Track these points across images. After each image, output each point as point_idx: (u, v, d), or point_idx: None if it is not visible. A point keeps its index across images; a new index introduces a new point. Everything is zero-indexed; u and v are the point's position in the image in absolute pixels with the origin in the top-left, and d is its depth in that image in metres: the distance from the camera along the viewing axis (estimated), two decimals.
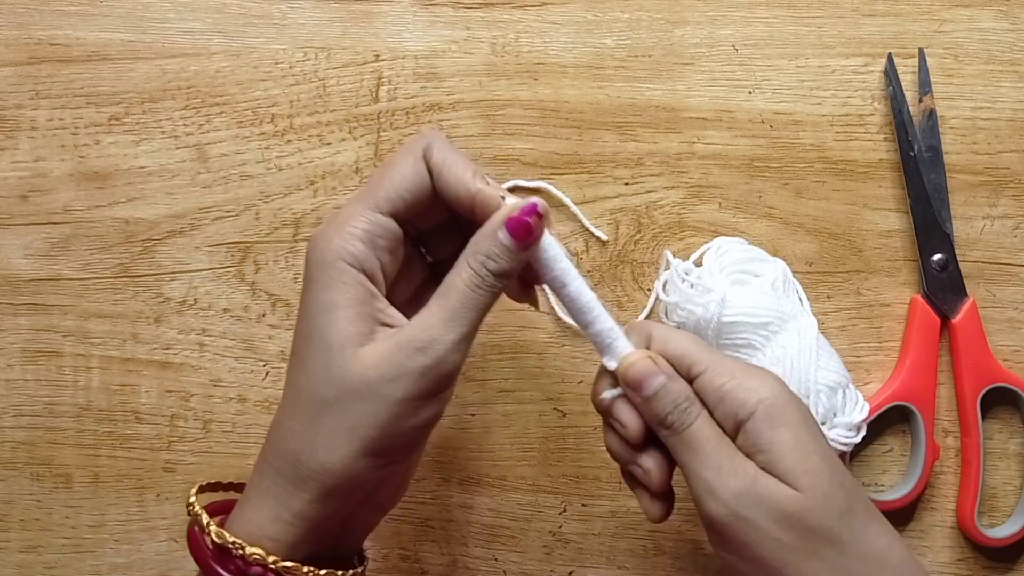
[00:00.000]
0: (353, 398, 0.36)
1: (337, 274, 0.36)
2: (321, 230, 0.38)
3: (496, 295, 0.38)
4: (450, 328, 0.36)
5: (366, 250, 0.37)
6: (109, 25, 0.52)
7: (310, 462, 0.36)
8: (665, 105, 0.51)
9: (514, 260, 0.37)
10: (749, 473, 0.36)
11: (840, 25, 0.52)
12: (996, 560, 0.50)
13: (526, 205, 0.37)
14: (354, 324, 0.36)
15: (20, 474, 0.50)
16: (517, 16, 0.52)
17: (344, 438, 0.36)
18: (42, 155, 0.51)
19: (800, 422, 0.37)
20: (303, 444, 0.37)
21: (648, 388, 0.37)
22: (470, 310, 0.37)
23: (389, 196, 0.37)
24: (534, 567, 0.50)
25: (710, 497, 0.36)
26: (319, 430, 0.36)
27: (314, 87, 0.51)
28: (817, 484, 0.36)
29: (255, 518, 0.37)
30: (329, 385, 0.36)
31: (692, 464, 0.37)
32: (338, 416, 0.36)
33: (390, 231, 0.38)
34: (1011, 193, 0.51)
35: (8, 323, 0.51)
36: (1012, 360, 0.51)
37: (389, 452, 0.37)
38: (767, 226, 0.51)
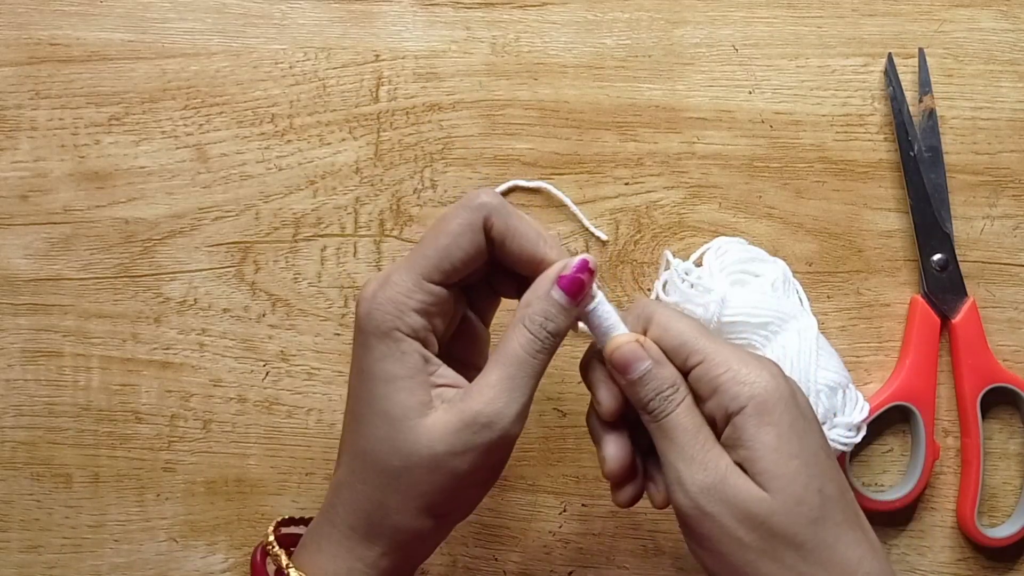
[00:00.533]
0: (420, 470, 0.37)
1: (395, 344, 0.37)
2: (371, 295, 0.37)
3: (552, 354, 0.38)
4: (513, 399, 0.37)
5: (421, 320, 0.37)
6: (109, 25, 0.52)
7: (383, 522, 0.38)
8: (665, 105, 0.51)
9: (569, 317, 0.38)
10: (720, 469, 0.36)
11: (840, 25, 0.52)
12: (996, 560, 0.50)
13: (578, 262, 0.37)
14: (415, 395, 0.37)
15: (20, 474, 0.50)
16: (517, 16, 0.52)
17: (414, 504, 0.37)
18: (42, 155, 0.51)
19: (789, 422, 0.36)
20: (374, 507, 0.38)
21: (633, 372, 0.37)
22: (530, 377, 0.37)
23: (442, 267, 0.38)
24: (534, 567, 0.50)
25: (678, 488, 0.37)
26: (389, 497, 0.37)
27: (314, 87, 0.51)
28: (788, 489, 0.35)
29: (330, 567, 0.38)
30: (397, 456, 0.37)
31: (667, 453, 0.37)
32: (407, 485, 0.37)
33: (442, 298, 0.38)
34: (1011, 193, 0.51)
35: (8, 323, 0.51)
36: (1012, 360, 0.51)
37: (455, 513, 0.40)
38: (767, 226, 0.51)
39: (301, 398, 0.50)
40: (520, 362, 0.37)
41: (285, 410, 0.50)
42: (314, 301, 0.51)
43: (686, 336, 0.38)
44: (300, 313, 0.51)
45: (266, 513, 0.50)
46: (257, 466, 0.50)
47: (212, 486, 0.50)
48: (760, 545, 0.35)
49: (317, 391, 0.50)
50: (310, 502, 0.50)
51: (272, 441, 0.50)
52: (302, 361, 0.50)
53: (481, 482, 0.39)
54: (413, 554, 0.40)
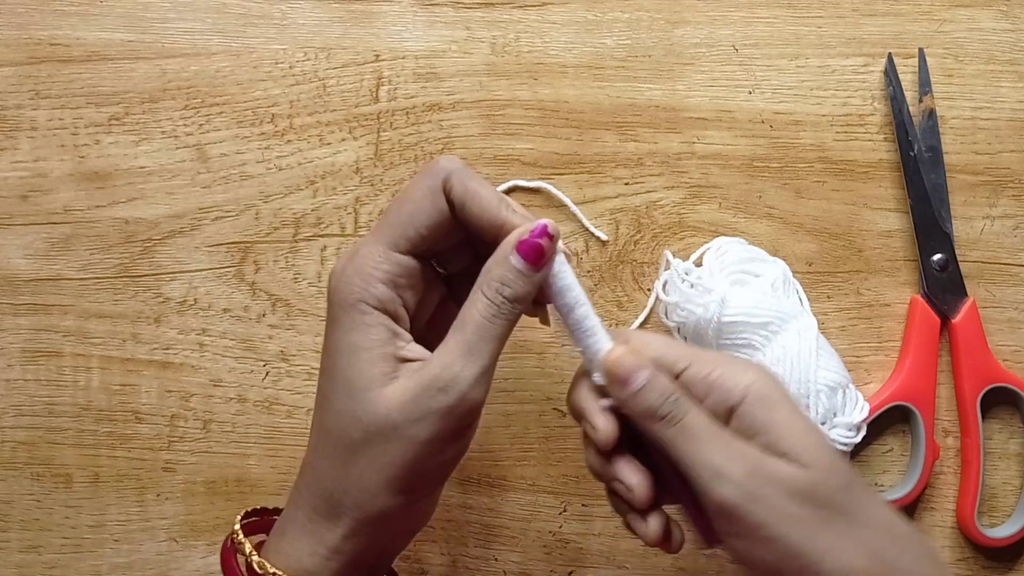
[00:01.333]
0: (380, 439, 0.36)
1: (360, 316, 0.37)
2: (340, 269, 0.37)
3: (513, 322, 0.38)
4: (470, 363, 0.36)
5: (388, 291, 0.37)
6: (109, 25, 0.52)
7: (344, 500, 0.37)
8: (665, 105, 0.51)
9: (528, 283, 0.37)
10: (754, 454, 0.36)
11: (840, 25, 0.52)
12: (996, 560, 0.50)
13: (536, 227, 0.37)
14: (377, 365, 0.37)
15: (20, 474, 0.50)
16: (517, 16, 0.52)
17: (374, 478, 0.37)
18: (42, 155, 0.51)
19: (791, 404, 0.37)
20: (335, 484, 0.37)
21: (636, 382, 0.37)
22: (488, 341, 0.37)
23: (407, 234, 0.37)
24: (534, 567, 0.50)
25: (720, 481, 0.35)
26: (350, 471, 0.37)
27: (314, 87, 0.51)
28: (820, 459, 0.36)
29: (292, 552, 0.38)
30: (357, 427, 0.37)
31: (695, 453, 0.36)
32: (367, 457, 0.37)
33: (410, 269, 0.38)
34: (1011, 193, 0.51)
35: (8, 323, 0.51)
36: (1012, 360, 0.51)
37: (418, 487, 0.38)
38: (767, 226, 0.51)
39: (301, 398, 0.50)
40: (477, 327, 0.36)
41: (285, 410, 0.50)
42: (314, 301, 0.51)
43: (667, 347, 0.38)
44: (300, 313, 0.51)
45: None
46: (257, 466, 0.50)
47: (212, 486, 0.50)
48: (814, 517, 0.35)
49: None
50: None
51: (272, 441, 0.50)
52: (302, 361, 0.50)
53: (444, 453, 0.37)
54: (379, 536, 0.38)
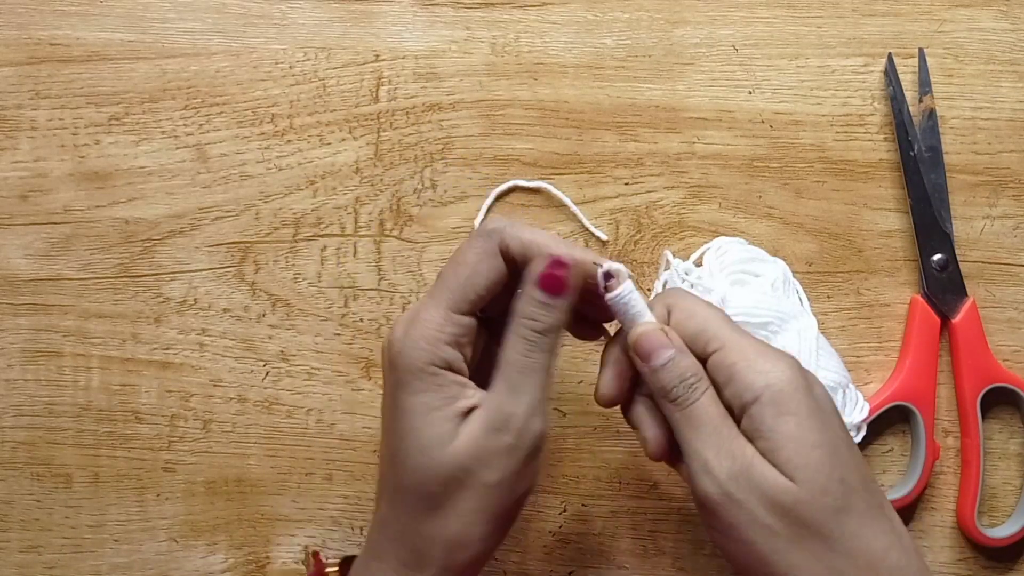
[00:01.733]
0: (458, 488, 0.37)
1: (431, 378, 0.38)
2: (403, 334, 0.38)
3: (553, 351, 0.38)
4: (519, 400, 0.37)
5: (454, 352, 0.38)
6: (109, 25, 0.52)
7: (431, 551, 0.38)
8: (665, 105, 0.51)
9: (554, 313, 0.38)
10: (747, 456, 0.36)
11: (840, 25, 0.52)
12: (996, 560, 0.50)
13: (550, 259, 0.37)
14: (450, 421, 0.38)
15: (20, 474, 0.50)
16: (517, 16, 0.52)
17: (457, 526, 0.38)
18: (42, 155, 0.51)
19: (808, 413, 0.36)
20: (421, 537, 0.38)
21: (657, 359, 0.38)
22: (529, 375, 0.38)
23: (468, 297, 0.38)
24: (534, 567, 0.50)
25: (705, 475, 0.36)
26: (435, 523, 0.38)
27: (314, 87, 0.51)
28: (813, 478, 0.35)
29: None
30: (435, 481, 0.38)
31: (692, 441, 0.37)
32: (448, 507, 0.38)
33: (470, 328, 0.39)
34: (1011, 193, 0.51)
35: (8, 323, 0.51)
36: (1012, 360, 0.51)
37: (498, 526, 0.39)
38: (767, 226, 0.51)
39: (301, 398, 0.50)
40: (516, 365, 0.38)
41: (285, 410, 0.50)
42: (314, 301, 0.51)
43: (708, 323, 0.38)
44: (300, 313, 0.51)
45: (266, 513, 0.50)
46: (257, 466, 0.50)
47: (212, 486, 0.50)
48: (787, 533, 0.35)
49: (317, 391, 0.50)
50: (310, 502, 0.50)
51: (272, 441, 0.50)
52: (302, 361, 0.50)
53: (516, 490, 0.39)
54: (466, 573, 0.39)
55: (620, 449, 0.50)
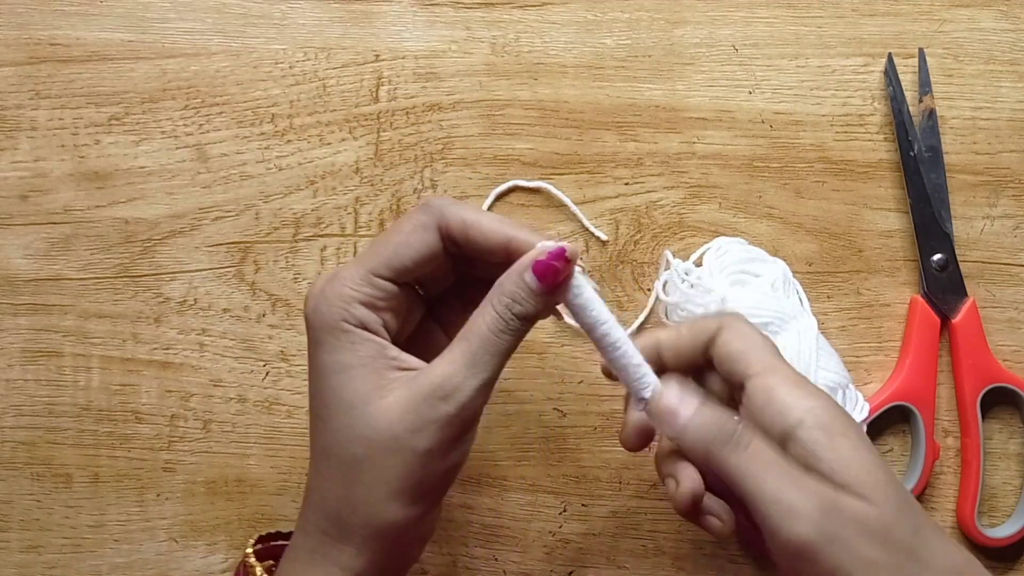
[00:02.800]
0: (382, 453, 0.36)
1: (344, 336, 0.37)
2: (319, 291, 0.37)
3: (519, 338, 0.37)
4: (473, 374, 0.36)
5: (368, 312, 0.37)
6: (109, 25, 0.52)
7: (352, 519, 0.37)
8: (665, 105, 0.51)
9: (540, 303, 0.37)
10: (826, 490, 0.33)
11: (840, 25, 0.52)
12: (996, 560, 0.50)
13: (554, 249, 0.36)
14: (370, 380, 0.36)
15: (20, 474, 0.50)
16: (517, 16, 0.52)
17: (380, 492, 0.36)
18: (42, 155, 0.51)
19: (857, 433, 0.35)
20: (342, 503, 0.37)
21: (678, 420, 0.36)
22: (493, 355, 0.36)
23: (392, 264, 0.37)
24: (534, 567, 0.50)
25: (795, 519, 0.33)
26: (355, 488, 0.37)
27: (314, 87, 0.51)
28: (890, 497, 0.33)
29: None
30: (358, 443, 0.36)
31: (764, 487, 0.34)
32: (371, 472, 0.36)
33: (391, 293, 0.38)
34: (1011, 193, 0.51)
35: (8, 323, 0.51)
36: (1012, 360, 0.51)
37: (424, 497, 0.37)
38: (767, 226, 0.51)
39: (301, 398, 0.50)
40: (483, 339, 0.36)
41: (285, 410, 0.50)
42: None
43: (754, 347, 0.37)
44: (300, 313, 0.50)
45: (266, 513, 0.50)
46: (257, 466, 0.50)
47: (212, 486, 0.50)
48: (889, 562, 0.33)
49: None
50: None
51: (272, 441, 0.50)
52: (302, 361, 0.50)
53: (446, 461, 0.37)
54: (392, 552, 0.38)
55: (620, 449, 0.50)
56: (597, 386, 0.50)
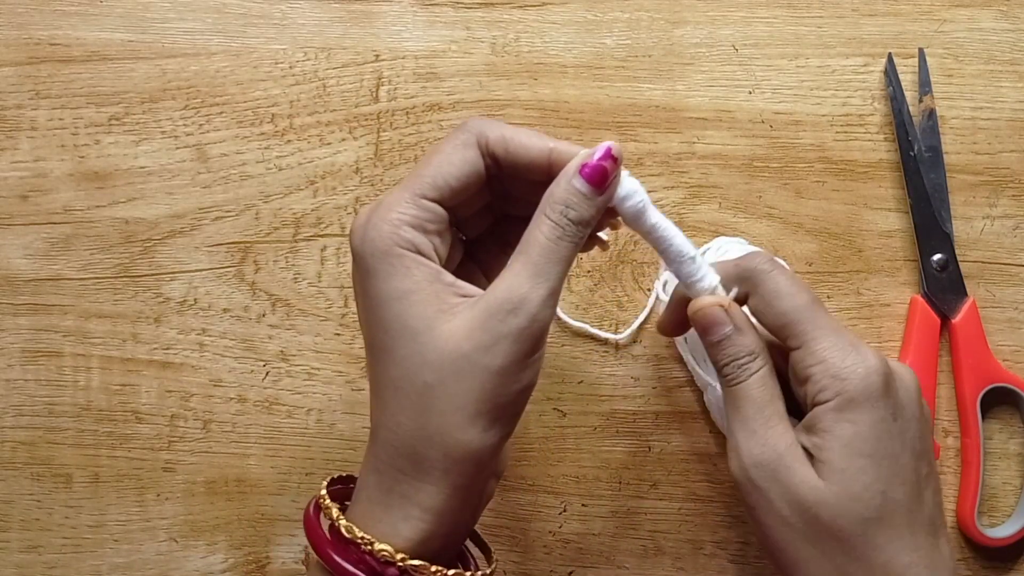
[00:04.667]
0: (454, 376, 0.35)
1: (398, 260, 0.35)
2: (365, 219, 0.36)
3: (578, 245, 0.36)
4: (538, 284, 0.35)
5: (419, 235, 0.36)
6: (109, 25, 0.52)
7: (428, 451, 0.35)
8: (665, 105, 0.51)
9: (592, 207, 0.36)
10: (778, 448, 0.36)
11: (840, 25, 0.52)
12: (996, 560, 0.50)
13: (602, 149, 0.36)
14: (432, 304, 0.35)
15: (20, 474, 0.50)
16: (517, 16, 0.52)
17: (456, 418, 0.35)
18: (42, 155, 0.51)
19: (872, 422, 0.36)
20: (416, 436, 0.35)
21: (712, 335, 0.38)
22: (555, 263, 0.36)
23: (436, 184, 0.36)
24: (534, 567, 0.50)
25: (734, 455, 0.38)
26: (430, 417, 0.35)
27: (314, 87, 0.51)
28: (846, 484, 0.35)
29: (385, 517, 0.36)
30: (428, 369, 0.35)
31: (732, 419, 0.38)
32: (444, 398, 0.35)
33: (438, 215, 0.37)
34: (1011, 193, 0.51)
35: (8, 323, 0.51)
36: (1012, 360, 0.51)
37: (501, 420, 0.36)
38: (767, 226, 0.51)
39: (301, 398, 0.50)
40: (543, 248, 0.35)
41: (285, 410, 0.50)
42: (314, 301, 0.51)
43: (789, 317, 0.38)
44: (300, 313, 0.51)
45: (266, 513, 0.50)
46: (257, 466, 0.50)
47: (212, 486, 0.50)
48: (803, 528, 0.36)
49: (317, 391, 0.50)
50: None
51: (272, 441, 0.50)
52: (302, 361, 0.50)
53: (520, 380, 0.36)
54: (471, 486, 0.36)
55: (620, 449, 0.50)
56: (597, 386, 0.50)
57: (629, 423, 0.50)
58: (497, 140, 0.37)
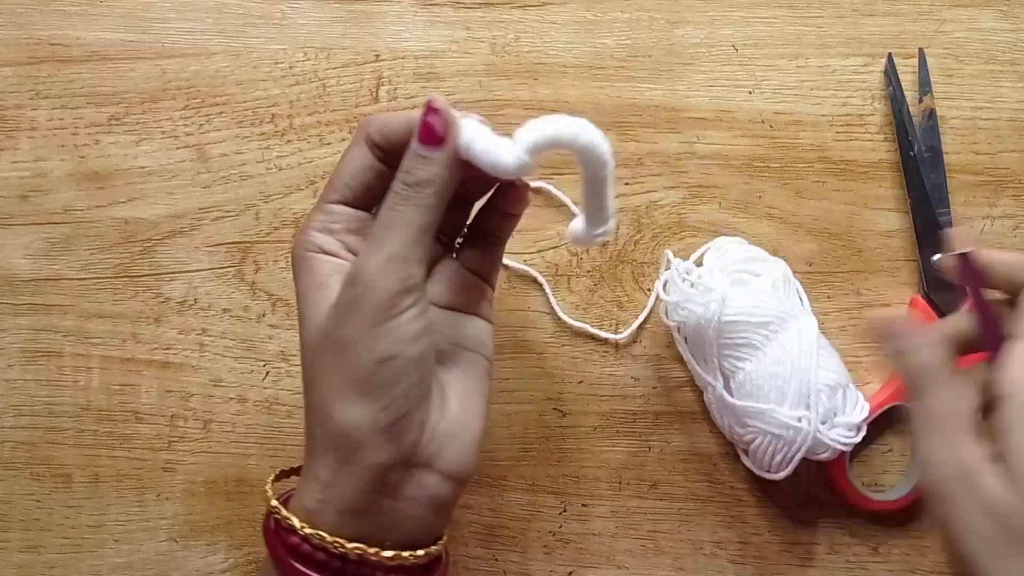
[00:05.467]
0: (319, 352, 0.37)
1: (304, 262, 0.39)
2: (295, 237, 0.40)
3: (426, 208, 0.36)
4: (372, 252, 0.36)
5: (324, 236, 0.39)
6: (109, 25, 0.52)
7: (316, 427, 0.38)
8: (665, 105, 0.51)
9: (428, 165, 0.37)
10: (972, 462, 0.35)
11: (840, 25, 0.52)
12: None
13: (424, 107, 0.37)
14: (325, 295, 0.38)
15: (20, 474, 0.50)
16: (517, 16, 0.52)
17: (324, 394, 0.37)
18: (42, 155, 0.51)
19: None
20: (308, 413, 0.38)
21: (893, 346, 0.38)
22: (391, 229, 0.36)
23: (336, 186, 0.39)
24: (534, 567, 0.50)
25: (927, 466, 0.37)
26: (312, 396, 0.38)
27: (314, 87, 0.51)
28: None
29: (300, 495, 0.38)
30: (307, 349, 0.38)
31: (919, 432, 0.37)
32: (317, 375, 0.37)
33: (345, 215, 0.39)
34: (1011, 193, 0.51)
35: (8, 323, 0.51)
36: None
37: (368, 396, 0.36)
38: (767, 226, 0.51)
39: (301, 398, 0.50)
40: (381, 217, 0.37)
41: (285, 410, 0.50)
42: None
43: None
44: None
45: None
46: (257, 466, 0.50)
47: (212, 486, 0.50)
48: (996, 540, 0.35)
49: None
50: None
51: (272, 441, 0.50)
52: None
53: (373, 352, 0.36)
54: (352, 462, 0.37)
55: (620, 449, 0.50)
56: (597, 386, 0.50)
57: (629, 423, 0.50)
58: (375, 130, 0.39)
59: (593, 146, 0.37)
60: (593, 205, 0.39)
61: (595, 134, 0.37)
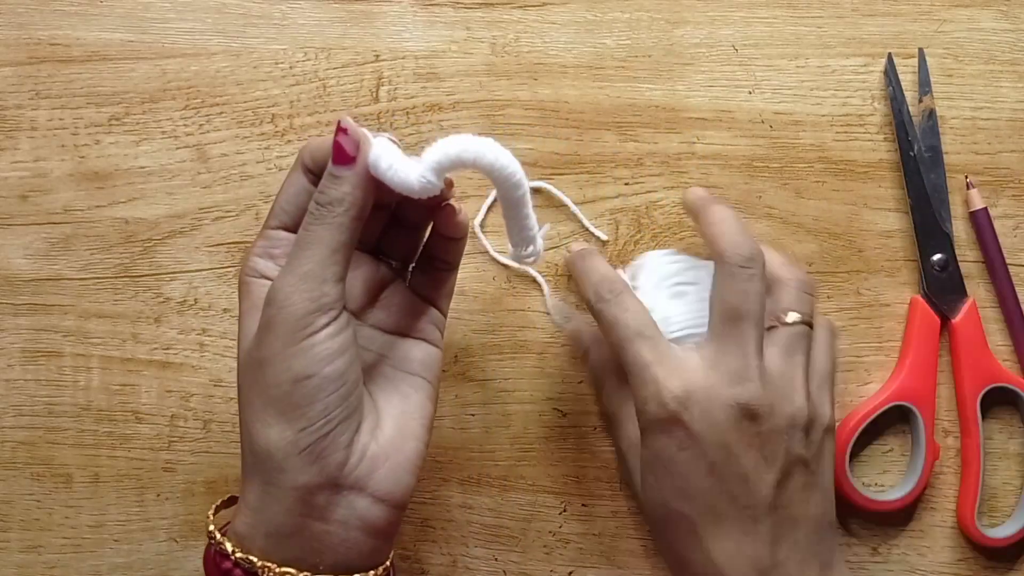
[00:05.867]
0: (244, 372, 0.38)
1: (245, 287, 0.40)
2: None
3: (340, 228, 0.37)
4: (287, 271, 0.37)
5: (263, 262, 0.40)
6: (109, 25, 0.52)
7: (244, 449, 0.38)
8: (665, 105, 0.51)
9: (340, 184, 0.37)
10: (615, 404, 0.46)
11: (840, 25, 0.52)
12: (996, 560, 0.50)
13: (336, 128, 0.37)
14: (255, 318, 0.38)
15: (20, 474, 0.50)
16: (517, 16, 0.52)
17: (248, 413, 0.37)
18: (42, 155, 0.51)
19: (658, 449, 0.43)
20: (241, 438, 0.39)
21: None
22: (304, 248, 0.37)
23: (275, 212, 0.40)
24: (534, 567, 0.50)
25: None
26: (241, 415, 0.38)
27: (314, 87, 0.51)
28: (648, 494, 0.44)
29: (237, 515, 0.38)
30: (240, 374, 0.38)
31: None
32: (243, 396, 0.38)
33: (284, 240, 0.40)
34: (1011, 193, 0.51)
35: (8, 323, 0.51)
36: (1012, 360, 0.51)
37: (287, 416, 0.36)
38: (767, 226, 0.51)
39: None
40: (297, 239, 0.37)
41: None
42: None
43: None
44: None
45: None
46: None
47: (212, 486, 0.50)
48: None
49: None
50: None
51: None
52: None
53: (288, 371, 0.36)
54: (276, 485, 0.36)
55: None
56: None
57: None
58: (307, 155, 0.39)
59: (500, 167, 0.37)
60: (513, 227, 0.40)
61: (501, 154, 0.37)
